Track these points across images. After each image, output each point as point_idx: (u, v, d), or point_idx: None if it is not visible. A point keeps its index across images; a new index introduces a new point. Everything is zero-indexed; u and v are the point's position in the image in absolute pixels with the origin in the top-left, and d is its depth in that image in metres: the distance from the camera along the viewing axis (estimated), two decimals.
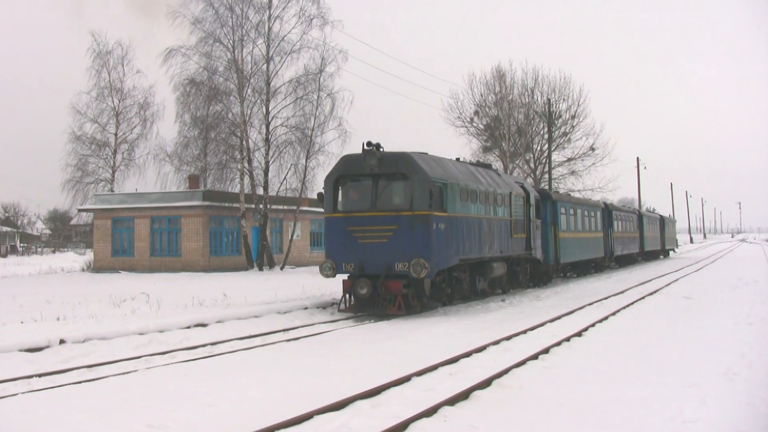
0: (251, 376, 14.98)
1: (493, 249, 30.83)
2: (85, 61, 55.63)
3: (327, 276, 25.97)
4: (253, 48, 53.43)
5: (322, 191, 26.62)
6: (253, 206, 54.66)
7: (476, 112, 69.93)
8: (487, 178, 31.88)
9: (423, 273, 24.50)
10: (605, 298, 31.03)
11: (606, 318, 23.81)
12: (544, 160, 68.15)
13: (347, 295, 25.88)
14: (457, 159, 32.54)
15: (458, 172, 28.63)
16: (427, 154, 28.01)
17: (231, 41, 52.94)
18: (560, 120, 70.22)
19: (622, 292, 34.10)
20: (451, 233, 26.42)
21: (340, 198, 26.60)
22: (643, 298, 30.78)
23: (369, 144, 25.73)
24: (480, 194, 29.67)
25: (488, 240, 30.17)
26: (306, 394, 13.21)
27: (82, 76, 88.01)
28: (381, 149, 25.82)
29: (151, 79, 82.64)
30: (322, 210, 28.14)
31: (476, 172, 31.26)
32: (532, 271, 39.14)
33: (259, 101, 53.70)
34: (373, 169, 25.53)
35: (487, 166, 35.23)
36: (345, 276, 26.30)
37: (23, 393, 13.99)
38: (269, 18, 53.09)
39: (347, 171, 26.33)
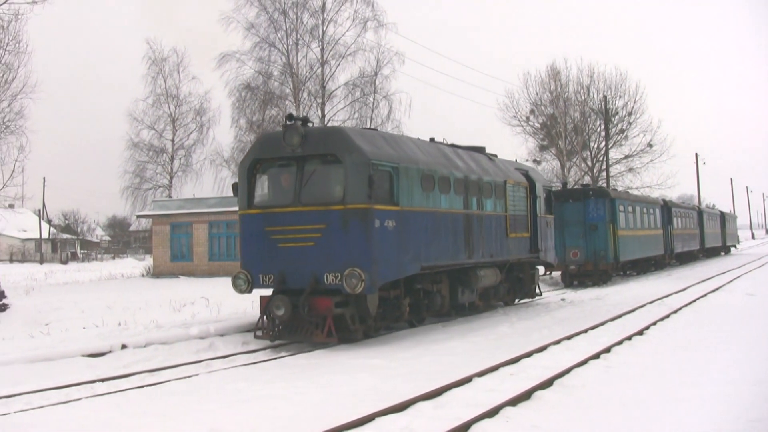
0: (312, 379, 15.00)
1: (479, 253, 24.63)
2: (140, 68, 55.78)
3: (241, 291, 20.26)
4: (307, 52, 53.55)
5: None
6: None
7: (532, 111, 69.51)
8: (470, 163, 25.41)
9: (359, 287, 18.74)
10: (666, 296, 30.67)
11: (668, 316, 23.53)
12: (602, 157, 67.56)
13: (265, 317, 20.01)
14: (431, 139, 25.77)
15: (420, 153, 22.58)
16: (376, 130, 23.60)
17: (285, 45, 53.08)
18: (617, 117, 69.58)
19: (683, 290, 33.71)
20: (405, 233, 20.59)
21: (257, 190, 21.17)
22: (705, 295, 30.37)
23: (290, 117, 20.22)
24: (456, 182, 23.49)
25: (470, 241, 24.07)
26: (368, 395, 13.20)
27: (138, 82, 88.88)
28: (309, 124, 20.70)
29: (207, 84, 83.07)
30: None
31: (452, 154, 24.89)
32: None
33: (314, 105, 53.77)
34: (295, 150, 19.86)
35: (478, 150, 27.99)
36: (265, 291, 20.55)
37: (86, 398, 14.15)
38: (323, 21, 53.16)
39: (264, 154, 20.65)
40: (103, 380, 15.78)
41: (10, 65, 31.19)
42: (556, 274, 42.57)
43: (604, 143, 66.77)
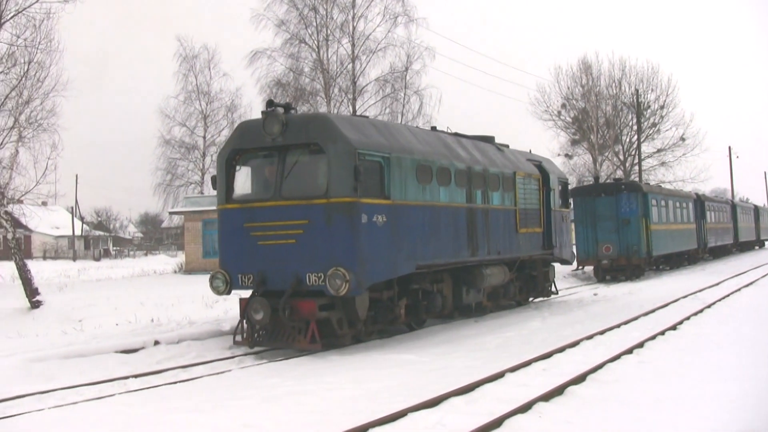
0: (344, 374, 15.01)
1: (484, 250, 23.12)
2: (172, 65, 55.85)
3: (218, 292, 18.84)
4: (338, 48, 53.54)
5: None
6: None
7: (563, 105, 69.19)
8: (474, 153, 23.77)
9: (343, 288, 17.21)
10: (699, 291, 30.46)
11: (701, 311, 23.37)
12: (634, 151, 67.23)
13: (245, 321, 18.46)
14: (433, 128, 24.65)
15: (417, 141, 20.98)
16: (366, 117, 22.20)
17: (316, 42, 53.09)
18: (649, 111, 69.17)
19: (716, 285, 33.48)
20: (398, 229, 19.07)
21: (237, 182, 19.62)
22: (739, 290, 30.17)
23: (271, 104, 18.68)
24: (457, 174, 21.93)
25: (473, 238, 22.57)
26: (401, 391, 13.20)
27: (169, 79, 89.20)
28: (293, 111, 19.13)
29: (238, 81, 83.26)
30: None
31: (455, 143, 23.22)
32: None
33: (345, 100, 53.76)
34: (276, 140, 18.33)
35: (486, 139, 26.35)
36: (244, 292, 19.01)
37: (119, 394, 14.25)
38: (353, 17, 53.15)
39: (243, 144, 19.16)
40: (136, 376, 15.88)
41: (42, 63, 31.32)
42: (589, 268, 42.46)
43: (636, 137, 66.44)
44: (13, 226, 28.71)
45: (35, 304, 26.93)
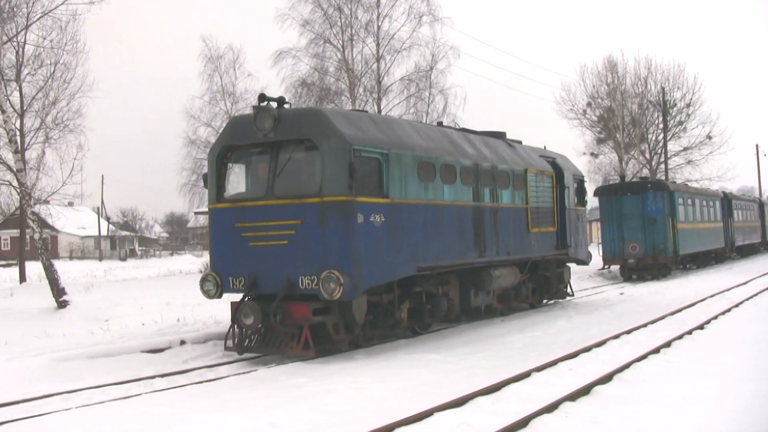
0: (370, 374, 15.00)
1: (492, 250, 22.19)
2: (197, 65, 56.01)
3: (209, 296, 18.15)
4: (363, 47, 53.54)
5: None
6: None
7: (589, 104, 68.95)
8: (482, 149, 22.78)
9: (336, 292, 16.28)
10: (726, 290, 30.29)
11: (729, 310, 23.23)
12: (660, 150, 66.91)
13: (236, 326, 17.59)
14: (439, 123, 23.88)
15: (419, 137, 20.04)
16: (366, 112, 21.33)
17: (341, 41, 53.12)
18: (675, 109, 68.83)
19: (744, 284, 33.29)
20: (397, 230, 18.10)
21: (228, 181, 18.81)
22: (767, 289, 29.97)
23: (263, 98, 17.81)
24: (463, 171, 20.95)
25: (480, 238, 21.60)
26: (427, 390, 13.18)
27: (194, 80, 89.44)
28: (286, 105, 18.17)
29: (263, 81, 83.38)
30: None
31: (461, 139, 22.28)
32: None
33: (370, 100, 53.72)
34: (267, 135, 17.42)
35: (497, 135, 25.33)
36: (236, 296, 18.15)
37: (146, 393, 14.28)
38: (378, 17, 53.15)
39: (235, 140, 18.28)
40: (162, 376, 15.92)
41: (68, 65, 31.55)
42: (615, 268, 42.31)
43: (662, 135, 66.14)
44: (40, 227, 28.88)
45: (62, 304, 27.10)
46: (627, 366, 14.50)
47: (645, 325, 20.51)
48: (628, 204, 40.19)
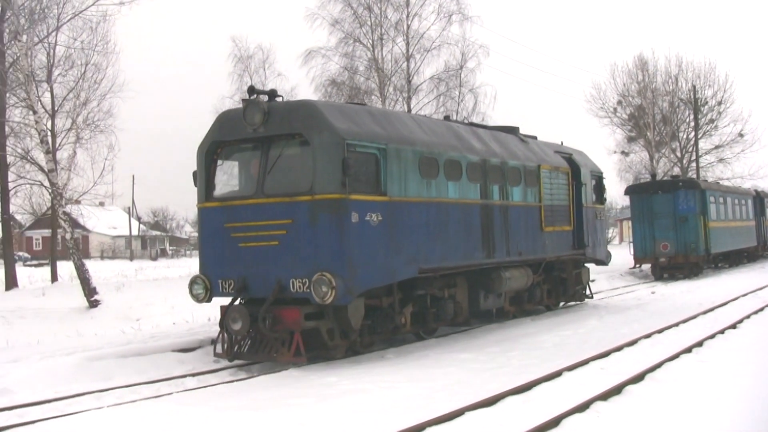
0: (400, 373, 14.98)
1: (502, 250, 21.12)
2: (227, 65, 56.10)
3: (198, 300, 17.18)
4: (392, 46, 53.52)
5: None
6: None
7: (619, 102, 68.65)
8: (491, 144, 21.66)
9: (329, 296, 15.35)
10: (759, 289, 30.08)
11: (762, 309, 23.06)
12: (691, 148, 66.54)
13: (225, 332, 16.70)
14: (446, 118, 22.99)
15: (421, 131, 19.00)
16: (365, 105, 20.64)
17: (370, 40, 53.11)
18: (706, 107, 68.42)
19: None
20: (396, 229, 17.14)
21: (218, 178, 17.79)
22: None
23: (252, 90, 17.16)
24: (470, 167, 19.87)
25: (489, 237, 20.56)
26: (458, 389, 13.15)
27: (224, 80, 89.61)
28: (278, 98, 17.37)
29: (293, 81, 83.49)
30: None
31: (468, 134, 21.20)
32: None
33: (400, 99, 53.70)
34: (257, 130, 16.46)
35: (509, 130, 24.20)
36: (225, 299, 17.01)
37: (177, 392, 14.33)
38: (408, 16, 53.13)
39: (224, 135, 17.29)
40: (193, 375, 15.98)
41: (98, 65, 31.75)
42: (646, 267, 42.12)
43: (693, 134, 65.79)
44: (71, 227, 29.08)
45: (93, 304, 27.25)
46: (659, 365, 14.39)
47: (677, 325, 20.38)
48: (660, 202, 40.01)
